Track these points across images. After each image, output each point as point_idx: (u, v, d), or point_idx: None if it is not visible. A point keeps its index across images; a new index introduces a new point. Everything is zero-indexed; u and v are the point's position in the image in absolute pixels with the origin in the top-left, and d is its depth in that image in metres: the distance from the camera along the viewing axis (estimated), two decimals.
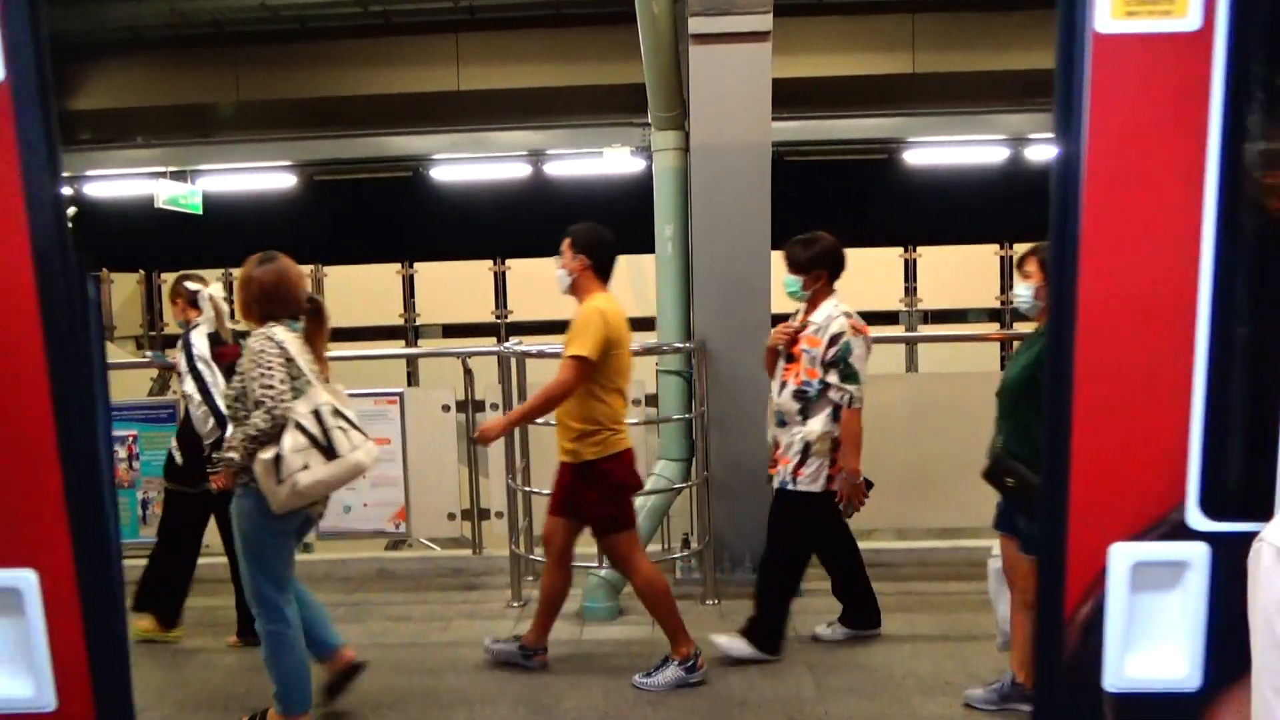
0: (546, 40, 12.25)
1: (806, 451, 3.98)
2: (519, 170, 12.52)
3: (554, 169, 12.47)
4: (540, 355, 5.18)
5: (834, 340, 3.98)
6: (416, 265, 11.28)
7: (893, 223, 12.64)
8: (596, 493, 3.81)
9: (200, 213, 12.00)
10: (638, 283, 9.20)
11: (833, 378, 3.96)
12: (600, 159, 11.52)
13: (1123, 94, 1.79)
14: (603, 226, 4.01)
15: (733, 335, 5.13)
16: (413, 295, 11.13)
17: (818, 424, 3.98)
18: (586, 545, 5.34)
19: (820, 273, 4.07)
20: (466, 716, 3.84)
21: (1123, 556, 1.91)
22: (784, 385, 4.09)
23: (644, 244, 5.85)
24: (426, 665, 4.30)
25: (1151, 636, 1.94)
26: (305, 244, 13.08)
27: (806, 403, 3.99)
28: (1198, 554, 1.90)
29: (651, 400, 5.76)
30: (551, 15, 12.22)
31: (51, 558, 1.95)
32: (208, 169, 12.22)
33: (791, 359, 4.07)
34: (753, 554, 5.03)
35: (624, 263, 9.53)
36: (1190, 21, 1.78)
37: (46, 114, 1.84)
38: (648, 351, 5.63)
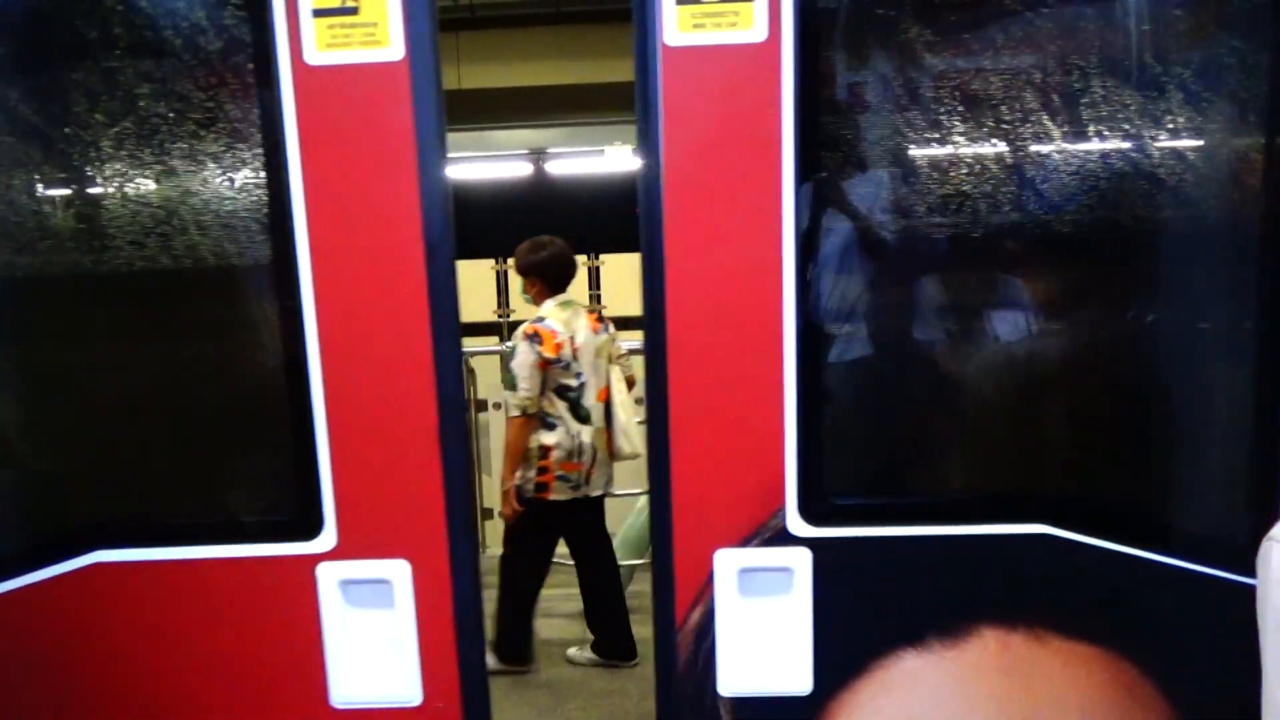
0: (548, 38, 12.29)
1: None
2: (520, 169, 12.61)
3: (555, 167, 12.54)
4: None
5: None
6: None
7: None
8: None
9: None
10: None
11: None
12: (602, 157, 11.54)
13: (694, 105, 1.82)
14: None
15: None
16: None
17: (542, 434, 3.95)
18: None
19: (535, 279, 4.05)
20: None
21: (728, 563, 1.93)
22: None
23: None
24: None
25: (763, 641, 1.96)
26: None
27: None
28: (800, 559, 1.92)
29: None
30: (552, 13, 12.26)
31: (425, 548, 1.95)
32: None
33: None
34: None
35: (625, 261, 9.53)
36: (756, 33, 1.79)
37: (438, 93, 1.84)
38: None
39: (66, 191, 2.03)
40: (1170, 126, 1.81)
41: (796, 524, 1.90)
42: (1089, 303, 1.84)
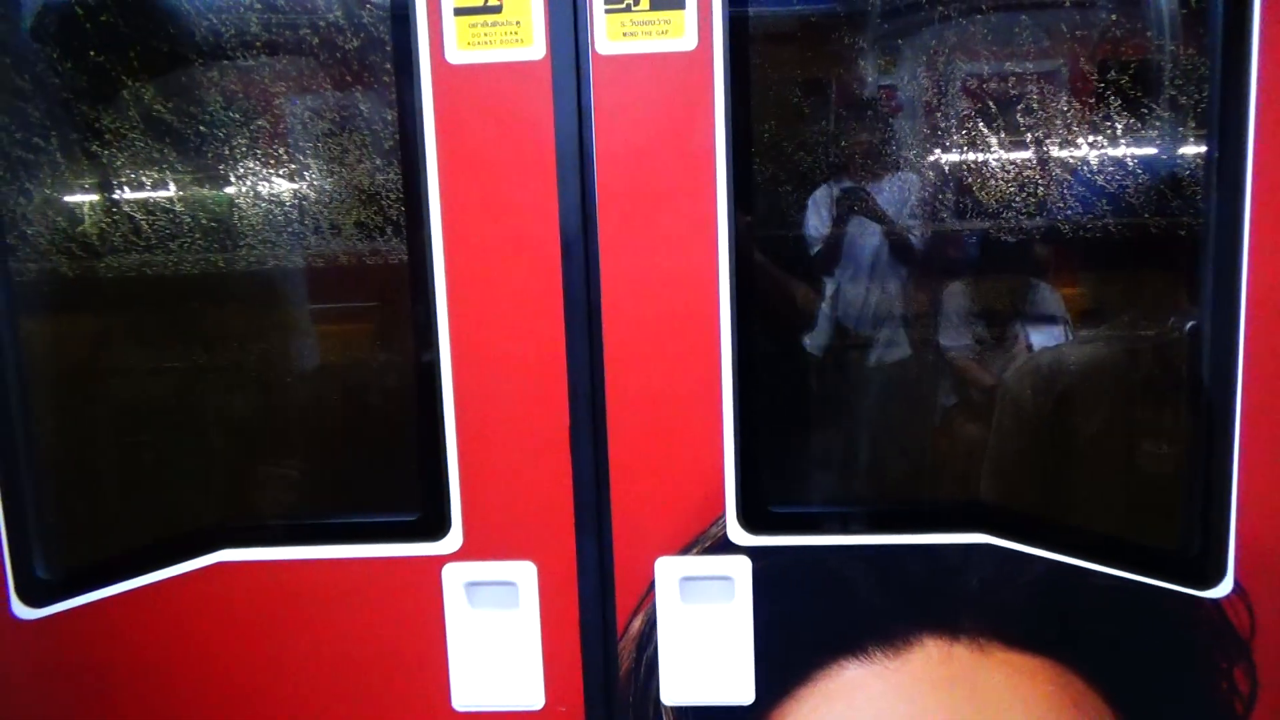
0: None
1: None
2: None
3: None
4: None
5: None
6: None
7: None
8: None
9: None
10: None
11: None
12: None
13: (627, 112, 1.82)
14: None
15: None
16: None
17: None
18: None
19: None
20: None
21: (669, 571, 1.93)
22: None
23: None
24: None
25: (705, 650, 1.96)
26: None
27: None
28: (740, 568, 1.91)
29: None
30: None
31: (552, 550, 1.94)
32: None
33: None
34: None
35: None
36: (687, 41, 1.79)
37: (579, 93, 1.83)
38: None
39: (201, 190, 2.07)
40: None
41: (736, 532, 1.89)
42: (1030, 314, 1.81)
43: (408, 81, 1.82)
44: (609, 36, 1.79)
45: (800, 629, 1.92)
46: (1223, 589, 1.81)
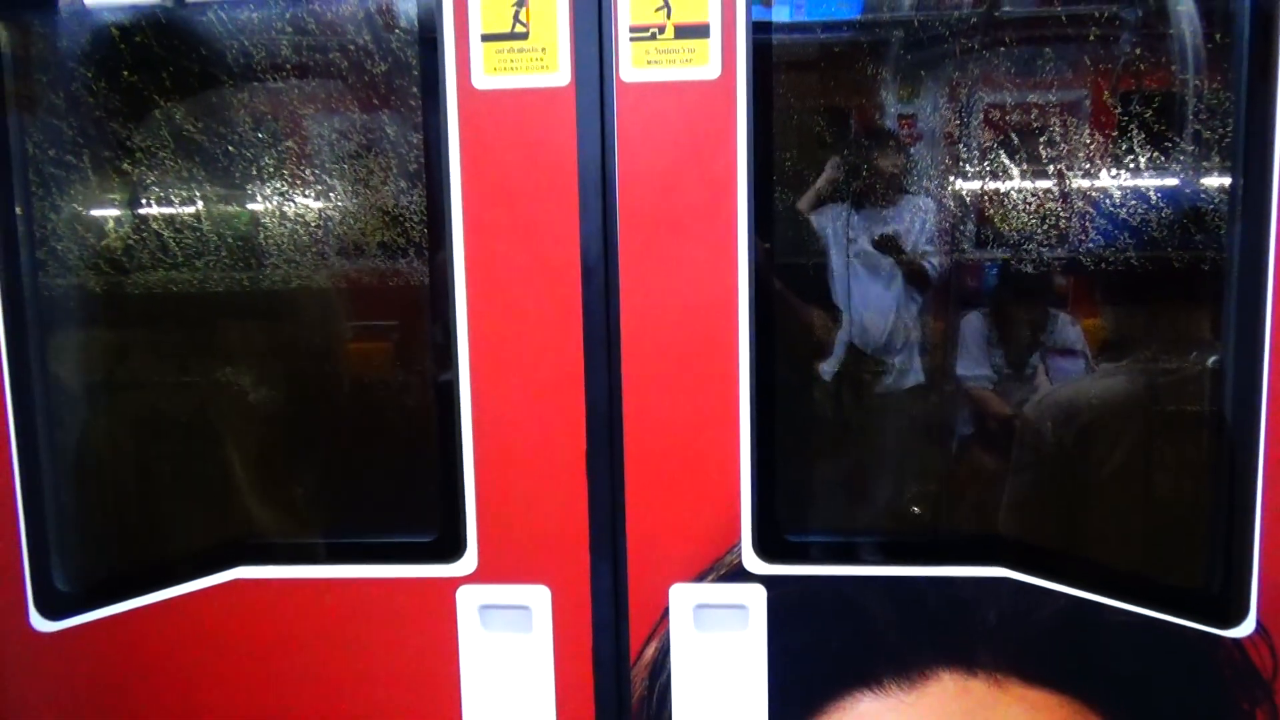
0: None
1: None
2: None
3: None
4: None
5: None
6: None
7: None
8: None
9: None
10: None
11: None
12: None
13: (649, 140, 1.83)
14: None
15: None
16: None
17: None
18: None
19: None
20: None
21: (683, 598, 1.92)
22: None
23: None
24: None
25: (718, 679, 1.94)
26: None
27: None
28: (755, 597, 1.90)
29: None
30: None
31: (566, 575, 1.94)
32: None
33: None
34: None
35: None
36: (711, 70, 1.80)
37: (603, 119, 1.84)
38: None
39: (224, 209, 2.11)
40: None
41: (752, 560, 1.88)
42: (1050, 346, 1.81)
43: (434, 106, 1.83)
44: (634, 64, 1.81)
45: (815, 659, 1.90)
46: (1245, 628, 1.78)
